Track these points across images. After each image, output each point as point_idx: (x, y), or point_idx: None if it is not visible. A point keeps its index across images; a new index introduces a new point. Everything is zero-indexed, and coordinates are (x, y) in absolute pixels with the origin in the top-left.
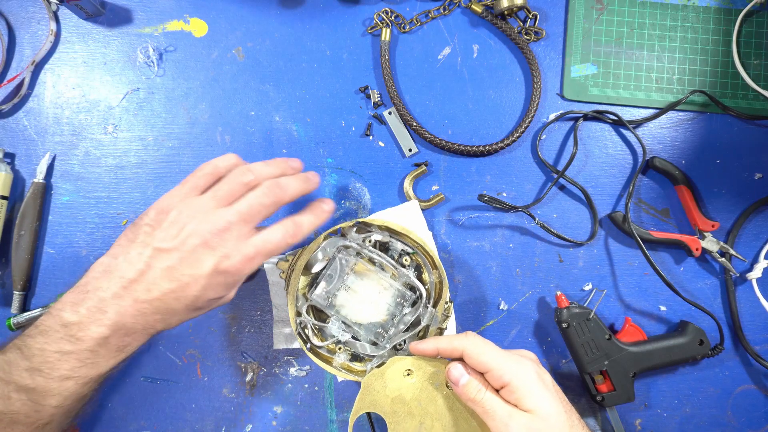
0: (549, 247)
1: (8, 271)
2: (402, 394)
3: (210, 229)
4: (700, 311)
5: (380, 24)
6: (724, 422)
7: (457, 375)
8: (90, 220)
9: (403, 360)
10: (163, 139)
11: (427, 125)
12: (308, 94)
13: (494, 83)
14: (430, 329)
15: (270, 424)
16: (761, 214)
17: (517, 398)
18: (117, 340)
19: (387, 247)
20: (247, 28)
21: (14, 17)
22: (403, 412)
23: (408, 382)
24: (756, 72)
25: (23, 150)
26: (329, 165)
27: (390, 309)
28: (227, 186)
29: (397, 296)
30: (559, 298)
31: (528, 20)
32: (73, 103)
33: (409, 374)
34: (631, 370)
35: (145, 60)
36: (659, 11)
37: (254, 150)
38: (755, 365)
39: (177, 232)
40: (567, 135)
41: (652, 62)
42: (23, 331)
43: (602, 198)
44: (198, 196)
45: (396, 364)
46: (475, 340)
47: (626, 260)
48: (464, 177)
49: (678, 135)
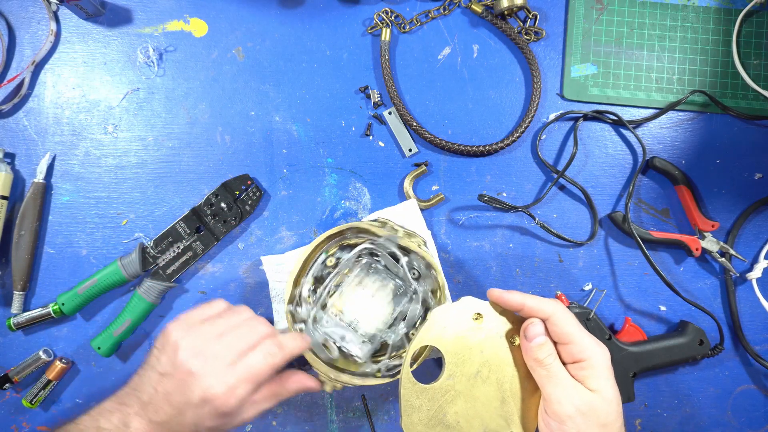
0: (549, 247)
1: (8, 271)
2: (467, 336)
3: (198, 357)
4: (700, 311)
5: (380, 24)
6: (724, 422)
7: (537, 332)
8: (90, 220)
9: (475, 302)
10: (163, 139)
11: (427, 125)
12: (308, 94)
13: (494, 83)
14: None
15: (270, 424)
16: (761, 214)
17: (585, 375)
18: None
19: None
20: (247, 28)
21: (14, 17)
22: (464, 354)
23: (475, 325)
24: (756, 72)
25: (23, 150)
26: (329, 165)
27: (387, 308)
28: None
29: (396, 291)
30: (559, 298)
31: (528, 20)
32: (73, 103)
33: (477, 318)
34: (631, 370)
35: (145, 60)
36: (659, 11)
37: (254, 150)
38: (755, 365)
39: (173, 356)
40: (567, 135)
41: (652, 62)
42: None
43: (602, 198)
44: (200, 325)
45: (467, 304)
46: (564, 308)
47: (626, 260)
48: (464, 177)
49: (678, 135)
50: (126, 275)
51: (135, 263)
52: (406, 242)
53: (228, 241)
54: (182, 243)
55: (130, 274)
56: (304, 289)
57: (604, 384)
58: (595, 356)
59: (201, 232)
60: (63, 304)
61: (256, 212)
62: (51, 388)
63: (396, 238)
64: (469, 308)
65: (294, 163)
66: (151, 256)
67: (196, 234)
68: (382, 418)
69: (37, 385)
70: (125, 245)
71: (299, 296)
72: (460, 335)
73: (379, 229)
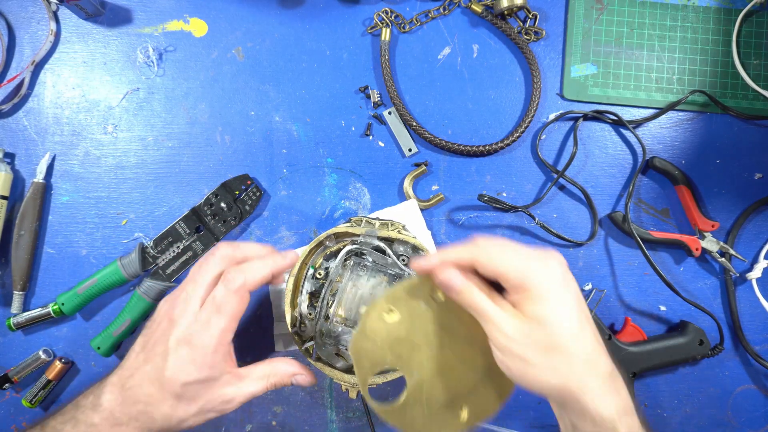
0: (549, 247)
1: (8, 271)
2: (396, 334)
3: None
4: (700, 311)
5: (380, 24)
6: (724, 422)
7: (449, 284)
8: (90, 220)
9: (376, 304)
10: (163, 139)
11: (427, 125)
12: (308, 94)
13: (494, 83)
14: None
15: (270, 424)
16: (761, 214)
17: (520, 301)
18: (106, 429)
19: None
20: (247, 28)
21: (14, 17)
22: (407, 350)
23: (395, 320)
24: (756, 72)
25: (23, 150)
26: (329, 165)
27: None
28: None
29: (392, 281)
30: None
31: (528, 20)
32: (73, 103)
33: (391, 312)
34: (631, 370)
35: (145, 60)
36: (659, 11)
37: (254, 150)
38: (755, 365)
39: (155, 314)
40: (567, 135)
41: (652, 62)
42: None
43: (602, 198)
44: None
45: (372, 314)
46: (485, 244)
47: (626, 260)
48: (464, 177)
49: (678, 135)
50: (126, 275)
51: (135, 263)
52: (385, 233)
53: (228, 240)
54: (182, 243)
55: (129, 274)
56: (303, 307)
57: (541, 308)
58: (530, 280)
59: (201, 232)
60: (63, 304)
61: (256, 212)
62: (51, 388)
63: (374, 232)
64: (376, 313)
65: (294, 163)
66: (150, 256)
67: (196, 234)
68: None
69: (37, 385)
70: (125, 245)
71: (300, 316)
72: (390, 339)
73: (355, 228)
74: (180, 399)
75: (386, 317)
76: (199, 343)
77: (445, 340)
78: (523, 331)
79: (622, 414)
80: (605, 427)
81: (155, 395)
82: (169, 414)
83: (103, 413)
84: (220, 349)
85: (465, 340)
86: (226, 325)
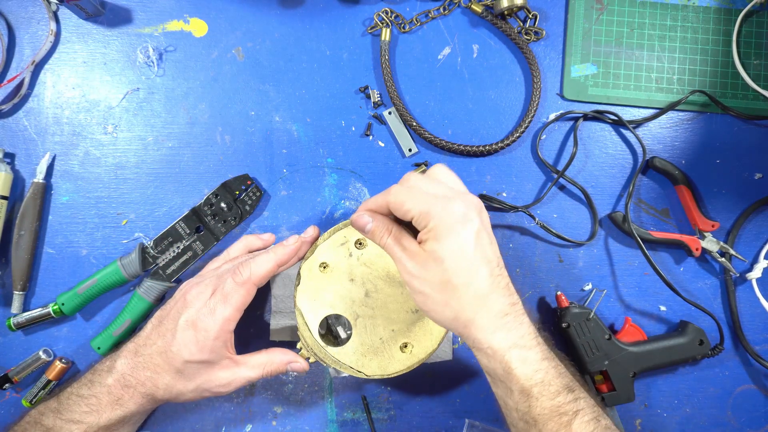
0: (549, 247)
1: (8, 271)
2: (332, 283)
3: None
4: (700, 311)
5: (380, 24)
6: (724, 422)
7: (358, 222)
8: (90, 220)
9: (306, 260)
10: (163, 139)
11: (427, 125)
12: (308, 94)
13: (494, 83)
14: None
15: (270, 424)
16: (761, 214)
17: (424, 239)
18: (117, 390)
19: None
20: (247, 28)
21: (14, 17)
22: (344, 295)
23: (328, 270)
24: (756, 72)
25: (23, 150)
26: (329, 165)
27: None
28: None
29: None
30: (559, 298)
31: (528, 20)
32: (73, 103)
33: (324, 267)
34: (631, 370)
35: (145, 60)
36: (659, 11)
37: (254, 150)
38: (755, 365)
39: (177, 293)
40: (567, 135)
41: (652, 62)
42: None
43: (602, 198)
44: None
45: (305, 269)
46: (397, 192)
47: (626, 260)
48: (464, 177)
49: (678, 135)
50: (126, 275)
51: (135, 263)
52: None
53: (228, 241)
54: (182, 243)
55: (129, 274)
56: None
57: (438, 245)
58: (432, 220)
59: (201, 232)
60: (63, 304)
61: (256, 212)
62: (51, 389)
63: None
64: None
65: (294, 163)
66: (150, 256)
67: (196, 234)
68: (382, 418)
69: (37, 385)
70: (125, 245)
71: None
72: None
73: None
74: (180, 374)
75: (320, 270)
76: (203, 328)
77: (379, 284)
78: (422, 267)
79: (513, 347)
80: (496, 359)
81: (161, 366)
82: (170, 385)
83: (116, 375)
84: (221, 336)
85: (398, 283)
86: (230, 315)
